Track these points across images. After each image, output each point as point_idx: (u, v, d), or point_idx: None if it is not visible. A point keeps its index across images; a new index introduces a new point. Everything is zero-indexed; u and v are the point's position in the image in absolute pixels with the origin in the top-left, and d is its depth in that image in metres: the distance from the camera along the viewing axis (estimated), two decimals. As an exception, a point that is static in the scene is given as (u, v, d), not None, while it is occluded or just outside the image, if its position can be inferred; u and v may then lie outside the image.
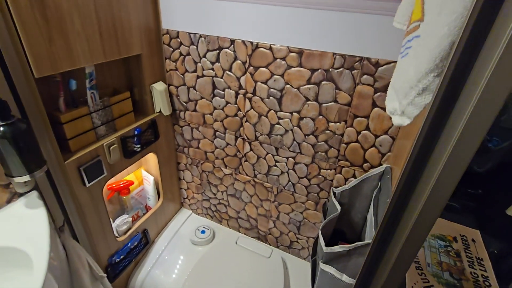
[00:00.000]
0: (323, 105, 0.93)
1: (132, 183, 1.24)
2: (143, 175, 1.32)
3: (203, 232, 1.42)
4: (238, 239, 1.39)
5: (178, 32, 1.05)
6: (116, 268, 1.16)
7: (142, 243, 1.29)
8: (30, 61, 0.68)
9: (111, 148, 0.97)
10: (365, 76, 0.83)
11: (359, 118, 0.90)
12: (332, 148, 0.99)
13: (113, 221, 1.17)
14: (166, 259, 1.32)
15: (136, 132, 1.07)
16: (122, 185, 1.19)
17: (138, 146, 1.09)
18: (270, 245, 1.41)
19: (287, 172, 1.13)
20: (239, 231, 1.47)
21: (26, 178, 0.66)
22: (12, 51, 0.64)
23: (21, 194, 0.75)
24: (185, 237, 1.42)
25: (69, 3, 0.74)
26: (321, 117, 0.95)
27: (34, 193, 0.77)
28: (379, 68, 0.81)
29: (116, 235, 1.15)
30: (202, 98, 1.14)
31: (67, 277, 0.84)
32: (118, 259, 1.16)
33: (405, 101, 0.41)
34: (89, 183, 0.92)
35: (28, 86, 0.69)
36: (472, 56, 0.33)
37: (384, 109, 0.85)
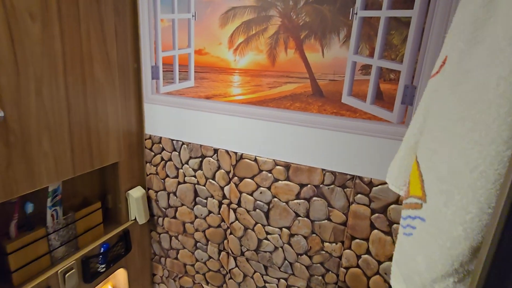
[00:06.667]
0: (316, 222, 0.82)
1: (92, 307, 1.02)
2: (110, 292, 1.11)
3: None
4: None
5: (160, 138, 1.01)
6: None
7: None
8: (-25, 192, 0.59)
9: (66, 275, 0.81)
10: (359, 195, 0.75)
11: (357, 240, 0.78)
12: (330, 272, 0.84)
13: None
14: None
15: (102, 250, 0.92)
16: (79, 312, 0.98)
17: (103, 266, 0.93)
18: None
19: (278, 295, 0.95)
20: None
21: None
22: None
23: None
24: None
25: (40, 125, 0.69)
26: (314, 235, 0.83)
27: None
28: (374, 188, 0.73)
29: None
30: (182, 205, 1.03)
31: None
32: None
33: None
34: (28, 327, 0.73)
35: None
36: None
37: (385, 232, 0.74)
